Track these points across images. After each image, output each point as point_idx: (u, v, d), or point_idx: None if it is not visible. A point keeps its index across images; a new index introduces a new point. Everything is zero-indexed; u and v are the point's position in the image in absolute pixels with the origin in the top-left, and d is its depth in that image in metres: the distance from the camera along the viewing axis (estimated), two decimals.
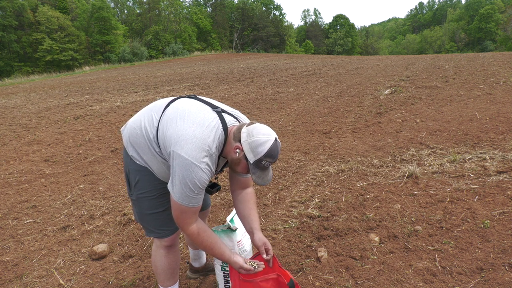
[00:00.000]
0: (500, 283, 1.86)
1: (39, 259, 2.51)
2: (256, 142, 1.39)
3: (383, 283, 1.97)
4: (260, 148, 1.39)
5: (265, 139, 1.40)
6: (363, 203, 2.93)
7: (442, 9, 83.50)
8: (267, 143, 1.40)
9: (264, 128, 1.45)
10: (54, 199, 3.54)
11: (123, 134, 1.65)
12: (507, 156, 3.57)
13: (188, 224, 1.46)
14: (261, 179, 1.45)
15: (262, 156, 1.40)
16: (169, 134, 1.44)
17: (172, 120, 1.47)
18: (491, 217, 2.50)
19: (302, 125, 5.98)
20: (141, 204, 1.64)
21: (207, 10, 60.71)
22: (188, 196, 1.40)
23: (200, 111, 1.50)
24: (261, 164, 1.42)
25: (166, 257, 1.72)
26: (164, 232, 1.67)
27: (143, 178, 1.58)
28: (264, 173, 1.46)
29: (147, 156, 1.55)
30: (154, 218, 1.64)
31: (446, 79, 9.32)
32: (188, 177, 1.37)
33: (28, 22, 37.76)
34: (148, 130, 1.53)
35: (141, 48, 42.45)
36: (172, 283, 1.81)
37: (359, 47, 75.46)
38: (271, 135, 1.43)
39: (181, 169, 1.37)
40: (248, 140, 1.41)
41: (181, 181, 1.38)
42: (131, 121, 1.64)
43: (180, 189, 1.39)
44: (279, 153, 1.46)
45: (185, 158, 1.36)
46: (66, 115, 8.06)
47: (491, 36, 61.22)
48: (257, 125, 1.46)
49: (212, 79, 14.05)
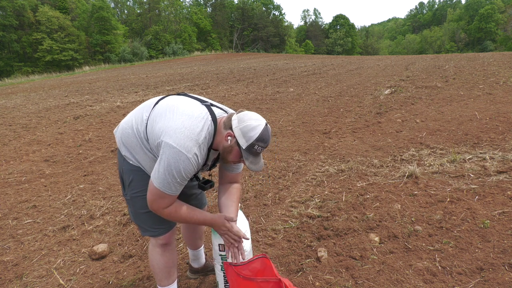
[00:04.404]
0: (500, 283, 1.86)
1: (39, 259, 2.51)
2: (248, 127, 1.42)
3: (383, 283, 1.97)
4: (252, 133, 1.41)
5: (256, 123, 1.43)
6: (363, 203, 2.93)
7: (442, 9, 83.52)
8: (258, 128, 1.42)
9: (253, 114, 1.48)
10: (54, 199, 3.54)
11: (116, 135, 1.67)
12: (507, 156, 3.57)
13: (163, 207, 1.47)
14: (254, 165, 1.47)
15: (254, 140, 1.41)
16: (158, 127, 1.45)
17: (161, 115, 1.48)
18: (491, 217, 2.50)
19: (302, 125, 5.98)
20: (135, 203, 1.65)
21: (207, 10, 60.75)
22: (169, 183, 1.40)
23: (189, 105, 1.52)
24: (254, 149, 1.43)
25: (162, 256, 1.73)
26: (159, 231, 1.68)
27: (136, 177, 1.60)
28: (257, 159, 1.48)
29: (140, 155, 1.57)
30: (149, 216, 1.64)
31: (446, 79, 9.32)
32: (174, 165, 1.37)
33: (28, 22, 37.78)
34: (138, 128, 1.54)
35: (141, 48, 42.46)
36: (170, 283, 1.80)
37: (359, 47, 75.47)
38: (261, 120, 1.46)
39: (168, 157, 1.37)
40: (239, 126, 1.43)
41: (165, 168, 1.38)
42: (123, 122, 1.66)
43: (163, 175, 1.39)
44: (270, 138, 1.48)
45: (173, 147, 1.37)
46: (66, 115, 8.07)
47: (491, 36, 61.23)
48: (247, 112, 1.49)
49: (212, 79, 14.05)
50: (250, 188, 3.51)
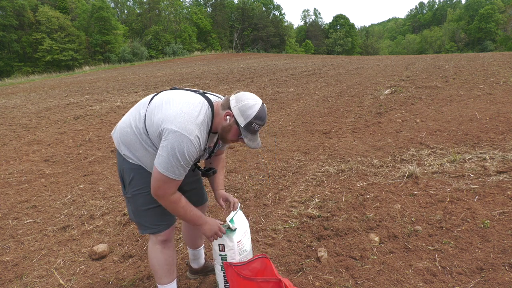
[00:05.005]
0: (500, 283, 1.86)
1: (39, 259, 2.51)
2: (246, 105, 1.50)
3: (383, 283, 1.97)
4: (249, 111, 1.49)
5: (253, 102, 1.51)
6: (363, 203, 2.93)
7: (442, 9, 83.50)
8: (255, 106, 1.51)
9: (250, 94, 1.56)
10: (54, 199, 3.54)
11: (114, 137, 1.71)
12: (507, 156, 3.57)
13: (168, 194, 1.52)
14: (253, 142, 1.55)
15: (252, 118, 1.50)
16: (157, 119, 1.50)
17: (159, 107, 1.54)
18: (491, 217, 2.50)
19: (302, 125, 5.98)
20: (136, 200, 1.67)
21: (207, 10, 60.73)
22: (173, 167, 1.44)
23: (184, 95, 1.60)
24: (251, 127, 1.52)
25: (163, 253, 1.74)
26: (159, 227, 1.71)
27: (137, 175, 1.64)
28: (254, 136, 1.56)
29: (140, 152, 1.60)
30: (149, 213, 1.68)
31: (446, 79, 9.32)
32: (178, 148, 1.42)
33: (28, 22, 37.77)
34: (137, 125, 1.59)
35: (141, 48, 42.44)
36: (170, 280, 1.81)
37: (359, 47, 75.45)
38: (258, 100, 1.54)
39: (171, 141, 1.42)
40: (237, 105, 1.51)
41: (169, 152, 1.43)
42: (120, 123, 1.71)
43: (167, 159, 1.43)
44: (266, 116, 1.57)
45: (175, 131, 1.42)
46: (66, 115, 8.07)
47: (491, 36, 61.21)
48: (244, 92, 1.57)
49: (212, 79, 14.05)
50: (250, 188, 3.51)
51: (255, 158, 4.41)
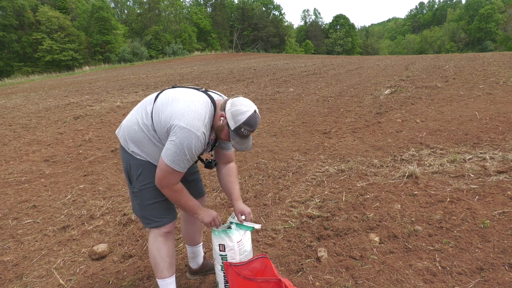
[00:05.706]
0: (500, 283, 1.86)
1: (39, 259, 2.51)
2: (238, 111, 1.58)
3: (383, 283, 1.97)
4: (240, 117, 1.57)
5: (245, 109, 1.59)
6: (363, 203, 2.93)
7: (442, 9, 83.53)
8: (246, 113, 1.58)
9: (245, 100, 1.64)
10: (54, 199, 3.54)
11: (119, 135, 1.78)
12: (507, 156, 3.57)
13: (172, 184, 1.63)
14: (240, 145, 1.62)
15: (241, 123, 1.57)
16: (165, 115, 1.59)
17: (166, 104, 1.62)
18: (491, 217, 2.50)
19: (302, 125, 5.98)
20: (143, 195, 1.74)
21: (207, 10, 60.73)
22: (179, 160, 1.55)
23: (188, 92, 1.69)
24: (240, 132, 1.59)
25: (165, 244, 1.79)
26: (164, 220, 1.77)
27: (145, 170, 1.71)
28: (243, 140, 1.63)
29: (148, 148, 1.68)
30: (155, 207, 1.75)
31: (446, 79, 9.32)
32: (186, 143, 1.52)
33: (28, 22, 37.77)
34: (144, 122, 1.66)
35: (141, 48, 42.43)
36: (171, 274, 1.83)
37: (359, 47, 75.43)
38: (251, 107, 1.61)
39: (180, 136, 1.52)
40: (231, 110, 1.60)
41: (177, 146, 1.53)
42: (125, 121, 1.77)
43: (175, 153, 1.53)
44: (257, 123, 1.63)
45: (183, 127, 1.52)
46: (66, 115, 8.07)
47: (491, 36, 61.22)
48: (240, 97, 1.65)
49: (212, 79, 14.05)
50: (250, 188, 3.51)
51: (255, 158, 4.41)
